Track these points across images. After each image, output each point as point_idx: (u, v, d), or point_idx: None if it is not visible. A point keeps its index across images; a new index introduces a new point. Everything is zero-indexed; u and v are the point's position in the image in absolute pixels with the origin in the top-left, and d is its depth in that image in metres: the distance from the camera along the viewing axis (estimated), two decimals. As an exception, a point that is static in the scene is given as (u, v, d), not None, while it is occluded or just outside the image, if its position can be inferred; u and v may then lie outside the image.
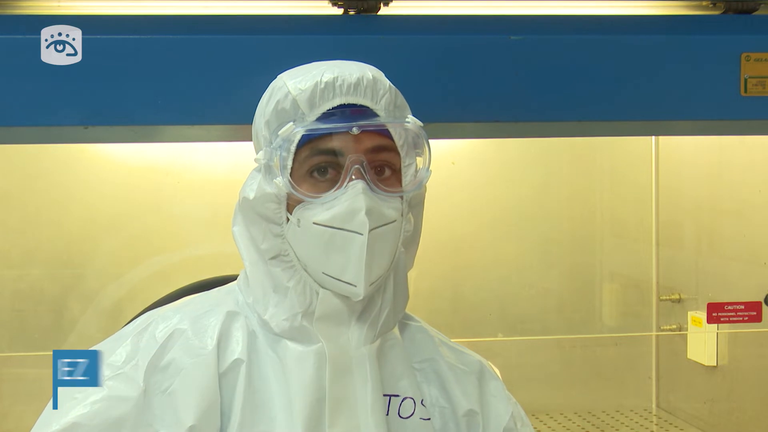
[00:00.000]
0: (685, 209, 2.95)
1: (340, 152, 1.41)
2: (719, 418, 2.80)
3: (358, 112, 1.43)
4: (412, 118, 1.47)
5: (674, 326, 2.93)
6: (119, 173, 2.73)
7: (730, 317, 2.36)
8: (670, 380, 3.02)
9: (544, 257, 3.01)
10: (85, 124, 1.73)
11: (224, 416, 1.42)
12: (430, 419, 1.51)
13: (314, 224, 1.41)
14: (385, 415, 1.45)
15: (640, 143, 3.01)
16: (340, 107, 1.42)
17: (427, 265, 2.78)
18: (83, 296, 2.75)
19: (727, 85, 1.86)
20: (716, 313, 2.36)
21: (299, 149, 1.42)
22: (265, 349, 1.47)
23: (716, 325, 2.60)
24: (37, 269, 2.76)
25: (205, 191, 2.73)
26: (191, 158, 2.76)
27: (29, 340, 2.72)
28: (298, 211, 1.42)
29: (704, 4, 2.02)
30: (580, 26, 1.90)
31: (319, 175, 1.42)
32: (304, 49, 1.69)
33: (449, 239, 2.89)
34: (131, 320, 1.59)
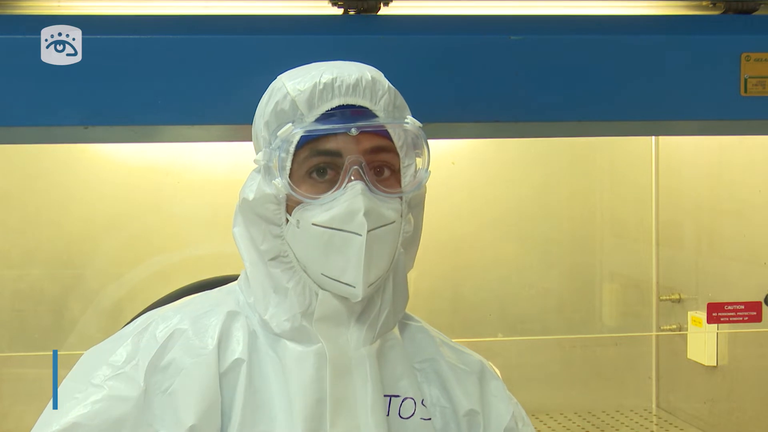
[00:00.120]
0: (685, 209, 2.95)
1: (338, 153, 1.41)
2: (719, 418, 2.80)
3: (357, 112, 1.42)
4: (411, 118, 1.47)
5: (674, 326, 2.93)
6: (119, 173, 2.73)
7: (730, 317, 2.36)
8: (670, 380, 3.02)
9: (544, 257, 3.01)
10: (85, 124, 1.72)
11: (225, 416, 1.42)
12: (430, 419, 1.50)
13: (313, 225, 1.40)
14: (385, 415, 1.45)
15: (640, 143, 3.01)
16: (339, 108, 1.42)
17: (427, 265, 2.78)
18: (83, 296, 2.75)
19: (727, 85, 1.86)
20: (716, 313, 2.36)
21: (298, 150, 1.42)
22: (265, 349, 1.46)
23: (716, 325, 2.60)
24: (37, 269, 2.76)
25: (205, 191, 2.73)
26: (191, 158, 2.76)
27: (29, 340, 2.72)
28: (297, 212, 1.42)
29: (704, 4, 2.02)
30: (580, 26, 1.90)
31: (318, 176, 1.42)
32: (304, 49, 1.69)
33: (449, 239, 2.89)
34: (131, 320, 1.59)
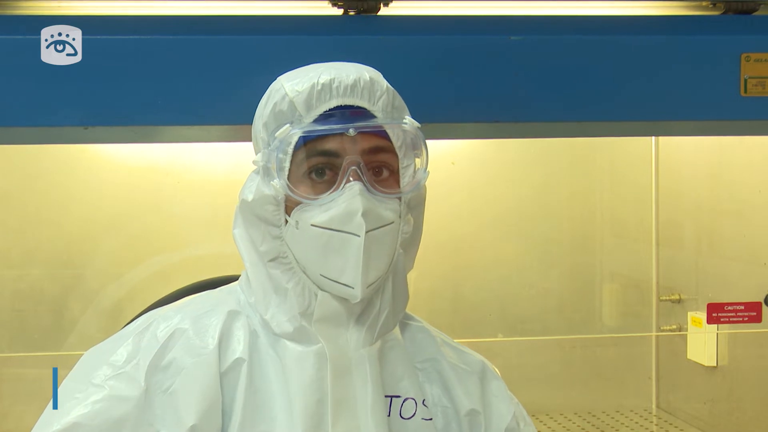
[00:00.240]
0: (685, 209, 2.95)
1: (337, 154, 1.41)
2: (719, 418, 2.80)
3: (355, 113, 1.42)
4: (409, 119, 1.47)
5: (674, 326, 2.93)
6: (119, 173, 2.73)
7: (730, 317, 2.36)
8: (670, 380, 3.02)
9: (544, 257, 3.01)
10: (85, 124, 1.72)
11: (225, 416, 1.42)
12: (431, 419, 1.50)
13: (312, 226, 1.40)
14: (386, 415, 1.45)
15: (640, 143, 3.01)
16: (337, 109, 1.42)
17: (427, 265, 2.77)
18: (83, 296, 2.75)
19: (727, 85, 1.86)
20: (716, 313, 2.36)
21: (296, 151, 1.42)
22: (266, 348, 1.46)
23: (716, 325, 2.60)
24: (37, 269, 2.75)
25: (205, 191, 2.73)
26: (191, 158, 2.76)
27: (29, 340, 2.72)
28: (296, 213, 1.42)
29: (704, 4, 2.01)
30: (580, 26, 1.90)
31: (316, 176, 1.42)
32: (303, 49, 1.69)
33: (449, 239, 2.88)
34: (132, 320, 1.59)
